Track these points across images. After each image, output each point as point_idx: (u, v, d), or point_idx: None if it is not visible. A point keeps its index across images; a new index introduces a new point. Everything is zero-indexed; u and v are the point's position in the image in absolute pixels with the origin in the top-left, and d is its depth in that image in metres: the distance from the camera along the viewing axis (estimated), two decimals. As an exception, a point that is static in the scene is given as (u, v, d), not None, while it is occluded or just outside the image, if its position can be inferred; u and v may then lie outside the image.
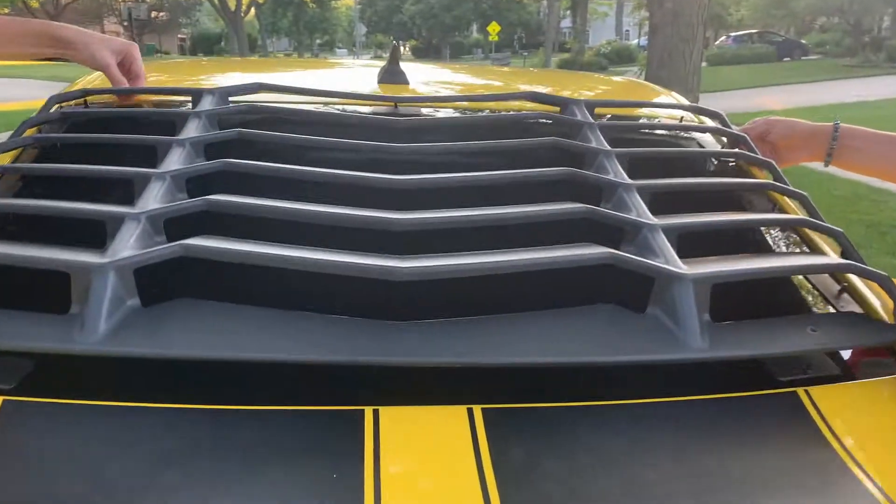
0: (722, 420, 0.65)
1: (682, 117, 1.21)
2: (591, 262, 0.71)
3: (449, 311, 0.70)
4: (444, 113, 1.10)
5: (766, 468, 0.59)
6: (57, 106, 1.04)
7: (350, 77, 1.44)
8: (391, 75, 1.25)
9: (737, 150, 1.03)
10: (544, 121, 1.04)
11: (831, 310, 0.83)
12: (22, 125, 0.96)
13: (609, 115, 1.19)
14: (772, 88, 15.91)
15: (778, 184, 0.94)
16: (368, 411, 0.61)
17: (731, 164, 1.06)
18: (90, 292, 0.63)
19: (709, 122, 1.17)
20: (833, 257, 0.84)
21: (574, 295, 0.75)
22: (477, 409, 0.62)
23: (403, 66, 1.29)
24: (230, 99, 1.04)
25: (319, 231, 0.75)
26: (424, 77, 1.40)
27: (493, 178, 0.85)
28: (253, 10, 41.76)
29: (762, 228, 0.99)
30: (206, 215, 0.75)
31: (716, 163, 1.06)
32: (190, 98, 1.04)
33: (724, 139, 1.11)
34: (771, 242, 0.90)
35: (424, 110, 1.09)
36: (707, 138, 1.15)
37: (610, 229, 0.80)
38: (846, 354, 0.79)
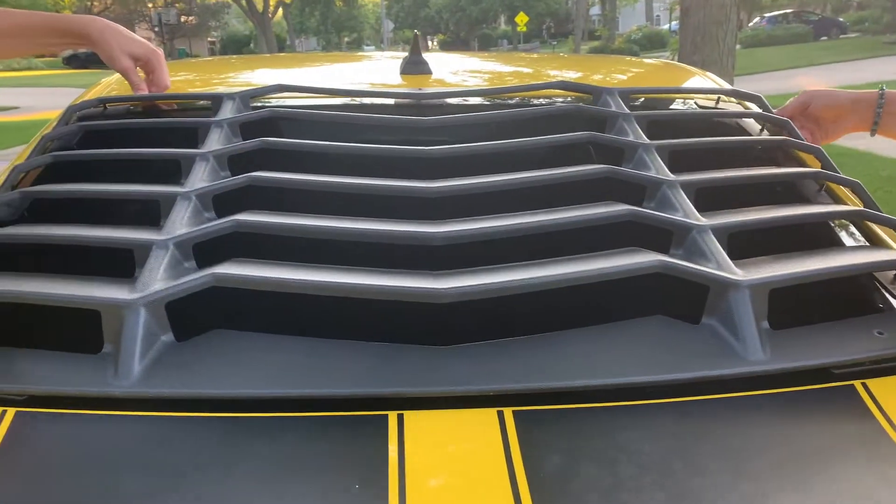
0: (772, 418, 0.60)
1: (718, 100, 1.14)
2: (641, 271, 0.68)
3: (492, 330, 0.67)
4: (471, 106, 1.06)
5: (822, 469, 0.54)
6: (75, 115, 1.02)
7: (371, 71, 1.40)
8: (413, 66, 1.21)
9: (782, 136, 0.97)
10: (577, 112, 0.99)
11: (893, 303, 0.77)
12: (42, 139, 0.95)
13: (643, 99, 1.13)
14: (809, 69, 15.56)
15: (829, 172, 0.89)
16: (392, 416, 0.58)
17: (775, 151, 1.00)
18: (122, 331, 0.61)
19: (749, 107, 1.11)
20: None
21: (621, 305, 0.71)
22: (508, 412, 0.59)
23: (426, 56, 1.25)
24: (251, 102, 1.01)
25: (354, 245, 0.73)
26: (448, 67, 1.36)
27: (529, 180, 0.82)
28: (281, 10, 42.15)
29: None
30: (236, 235, 0.73)
31: (760, 150, 1.00)
32: (210, 103, 1.01)
33: (766, 124, 1.05)
34: (822, 234, 0.84)
35: (450, 104, 1.05)
36: (748, 124, 1.08)
37: (655, 231, 0.76)
38: None
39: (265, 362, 0.63)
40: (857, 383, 0.63)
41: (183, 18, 42.77)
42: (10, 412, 0.57)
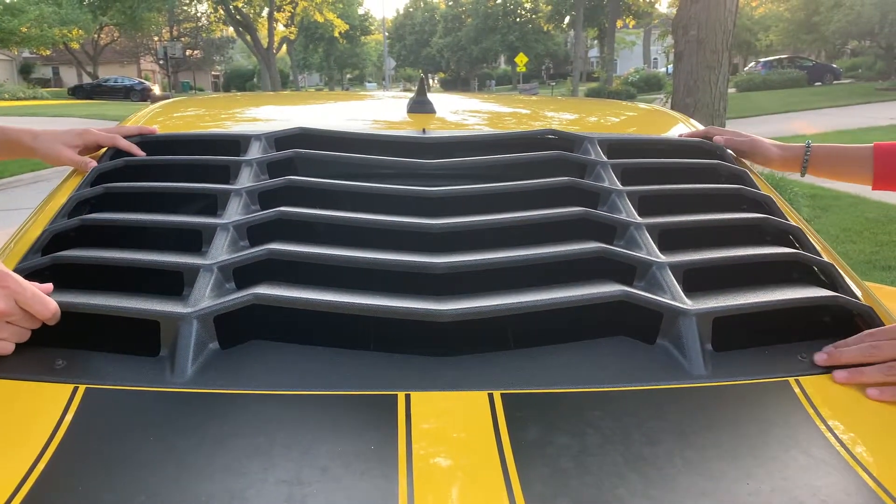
0: (718, 403, 0.71)
1: (693, 147, 1.26)
2: (607, 299, 0.80)
3: (484, 343, 0.79)
4: (468, 146, 1.18)
5: (757, 446, 0.64)
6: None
7: (381, 110, 1.51)
8: (419, 105, 1.33)
9: (738, 185, 1.11)
10: (560, 159, 1.12)
11: (822, 331, 0.88)
12: (92, 171, 1.06)
13: (620, 145, 1.24)
14: (802, 113, 15.83)
15: (776, 219, 1.02)
16: (401, 396, 0.69)
17: (732, 197, 1.12)
18: (178, 338, 0.73)
19: (714, 154, 1.24)
20: (824, 290, 0.90)
21: (591, 326, 0.83)
22: (497, 394, 0.69)
23: (431, 96, 1.35)
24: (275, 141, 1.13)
25: (367, 271, 0.84)
26: (449, 107, 1.47)
27: (518, 220, 0.94)
28: (285, 46, 42.75)
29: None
30: (267, 261, 0.85)
31: (718, 196, 1.12)
32: (239, 142, 1.13)
33: (727, 173, 1.18)
34: (769, 271, 0.96)
35: (449, 145, 1.17)
36: (711, 172, 1.20)
37: (622, 265, 0.88)
38: None
39: (294, 366, 0.74)
40: (792, 380, 0.75)
41: (188, 52, 43.30)
42: (82, 388, 0.69)
